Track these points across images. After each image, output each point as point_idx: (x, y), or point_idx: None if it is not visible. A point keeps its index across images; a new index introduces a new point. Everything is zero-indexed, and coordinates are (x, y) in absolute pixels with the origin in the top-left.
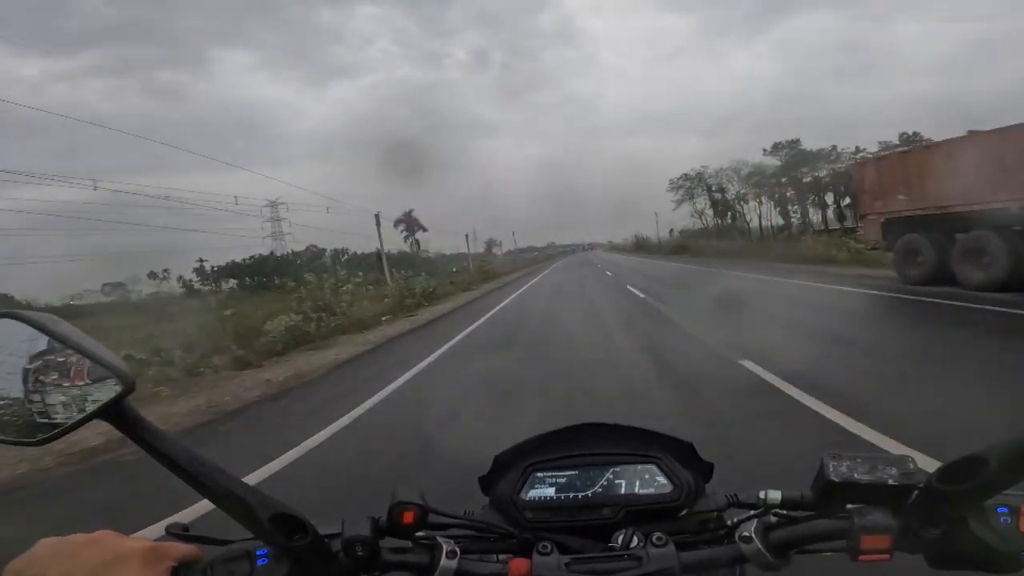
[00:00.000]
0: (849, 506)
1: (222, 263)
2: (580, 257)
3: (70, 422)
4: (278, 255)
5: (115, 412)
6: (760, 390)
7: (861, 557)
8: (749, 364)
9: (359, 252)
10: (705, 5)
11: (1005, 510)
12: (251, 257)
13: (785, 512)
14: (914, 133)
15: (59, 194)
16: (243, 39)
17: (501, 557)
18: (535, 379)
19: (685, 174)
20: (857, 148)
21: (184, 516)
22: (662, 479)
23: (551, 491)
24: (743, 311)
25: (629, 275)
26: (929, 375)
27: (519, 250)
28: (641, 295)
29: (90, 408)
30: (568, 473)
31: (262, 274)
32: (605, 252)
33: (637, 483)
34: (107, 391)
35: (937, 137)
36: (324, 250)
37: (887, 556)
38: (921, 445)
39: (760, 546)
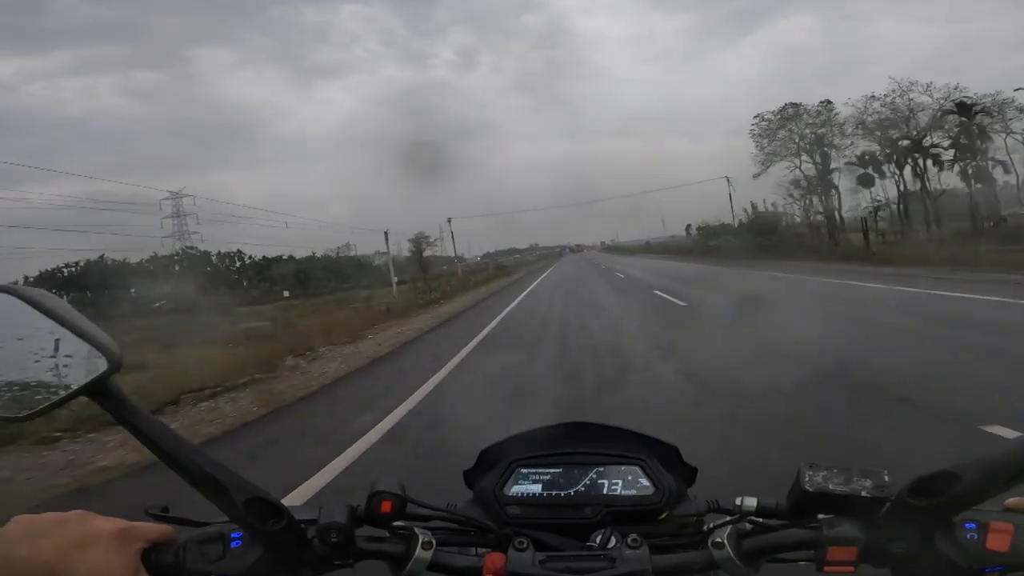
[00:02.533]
0: (820, 516)
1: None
2: (577, 262)
3: (55, 399)
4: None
5: (100, 390)
6: None
7: (827, 568)
8: None
9: (255, 257)
10: (694, 6)
11: (973, 526)
12: (70, 265)
13: (760, 520)
14: None
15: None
16: (222, 38)
17: (478, 551)
18: None
19: (793, 103)
20: None
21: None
22: (645, 481)
23: (534, 488)
24: None
25: None
26: None
27: (497, 253)
28: None
29: (76, 385)
30: (552, 471)
31: (101, 287)
32: (602, 253)
33: (620, 484)
34: (93, 368)
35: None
36: (207, 252)
37: (852, 568)
38: None
39: (731, 553)
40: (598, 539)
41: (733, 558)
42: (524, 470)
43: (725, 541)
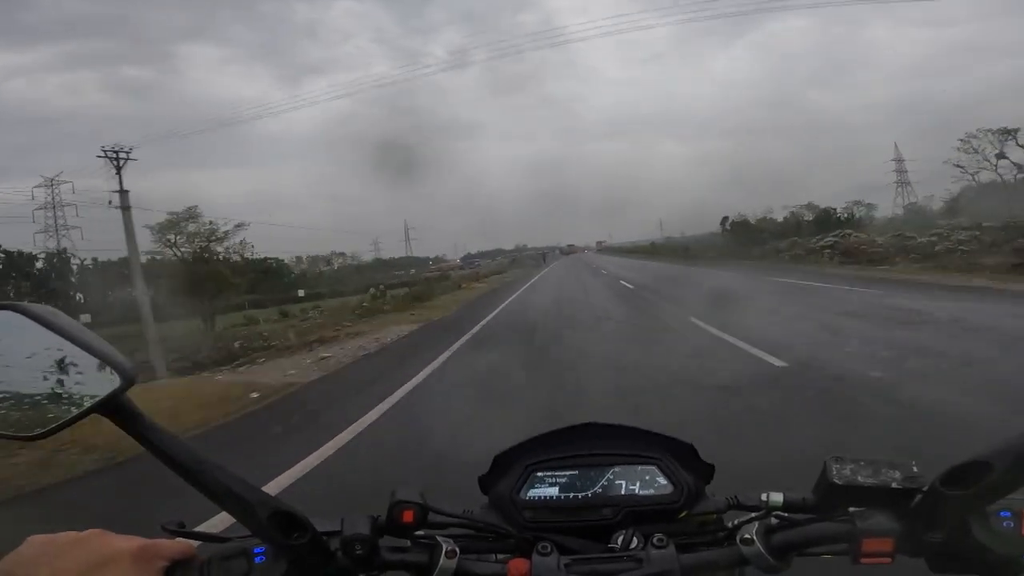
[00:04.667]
0: (851, 509)
1: None
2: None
3: (68, 416)
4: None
5: (114, 407)
6: None
7: (862, 560)
8: None
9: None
10: (678, 9)
11: (1008, 514)
12: None
13: (787, 514)
14: None
15: None
16: (211, 34)
17: (500, 557)
18: None
19: None
20: None
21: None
22: (663, 480)
23: (551, 491)
24: None
25: None
26: None
27: (480, 255)
28: None
29: (89, 402)
30: (568, 473)
31: None
32: (602, 256)
33: (637, 484)
34: (106, 385)
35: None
36: (9, 252)
37: (888, 559)
38: None
39: (761, 548)
40: (620, 540)
41: (764, 553)
42: (540, 473)
43: (754, 537)
